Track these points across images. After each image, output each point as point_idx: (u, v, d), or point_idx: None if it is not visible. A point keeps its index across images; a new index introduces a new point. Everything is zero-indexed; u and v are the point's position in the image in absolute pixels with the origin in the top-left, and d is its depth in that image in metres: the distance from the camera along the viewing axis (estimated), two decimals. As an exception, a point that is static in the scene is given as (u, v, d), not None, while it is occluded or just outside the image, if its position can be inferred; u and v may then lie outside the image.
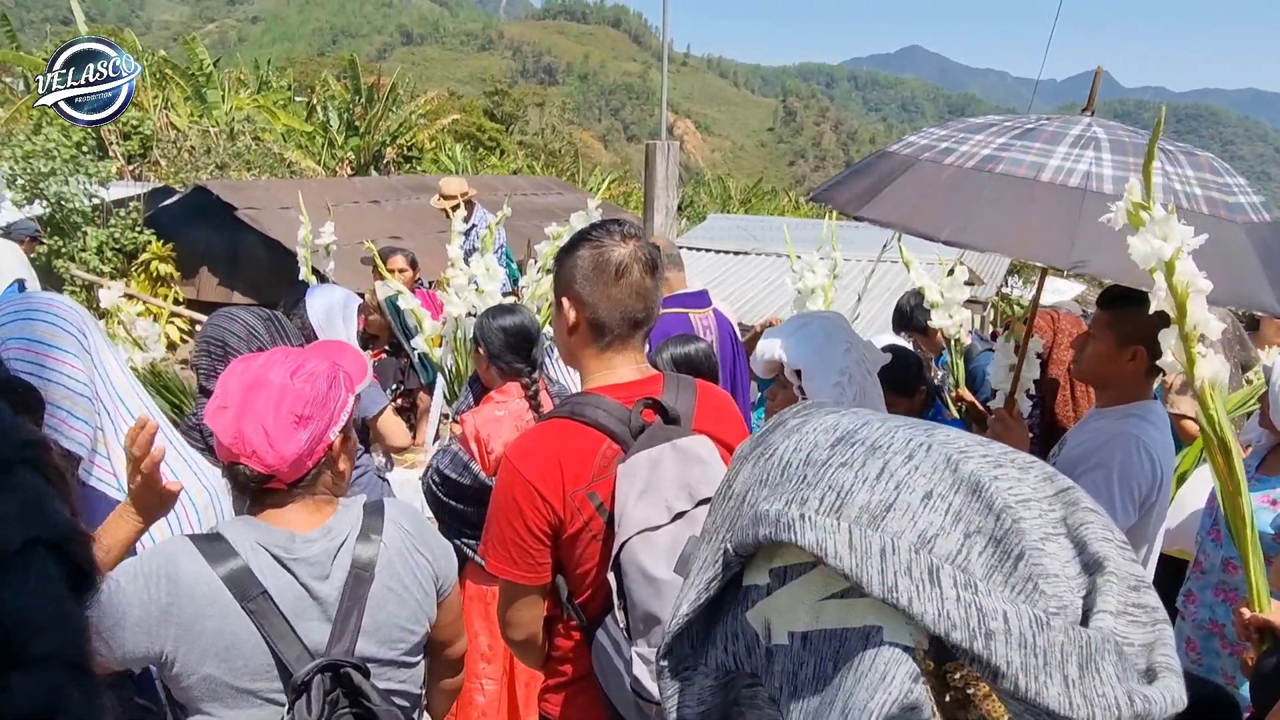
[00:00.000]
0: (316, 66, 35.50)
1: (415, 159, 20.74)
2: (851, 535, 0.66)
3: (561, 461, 1.56)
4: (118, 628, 1.28)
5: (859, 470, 0.69)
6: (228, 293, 10.02)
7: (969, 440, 0.73)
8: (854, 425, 0.73)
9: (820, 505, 0.69)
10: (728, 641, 0.79)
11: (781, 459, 0.74)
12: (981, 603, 0.64)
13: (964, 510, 0.68)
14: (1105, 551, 0.71)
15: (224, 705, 1.34)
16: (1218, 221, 1.98)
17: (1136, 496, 2.17)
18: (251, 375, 1.39)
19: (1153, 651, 0.71)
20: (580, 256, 1.61)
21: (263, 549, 1.35)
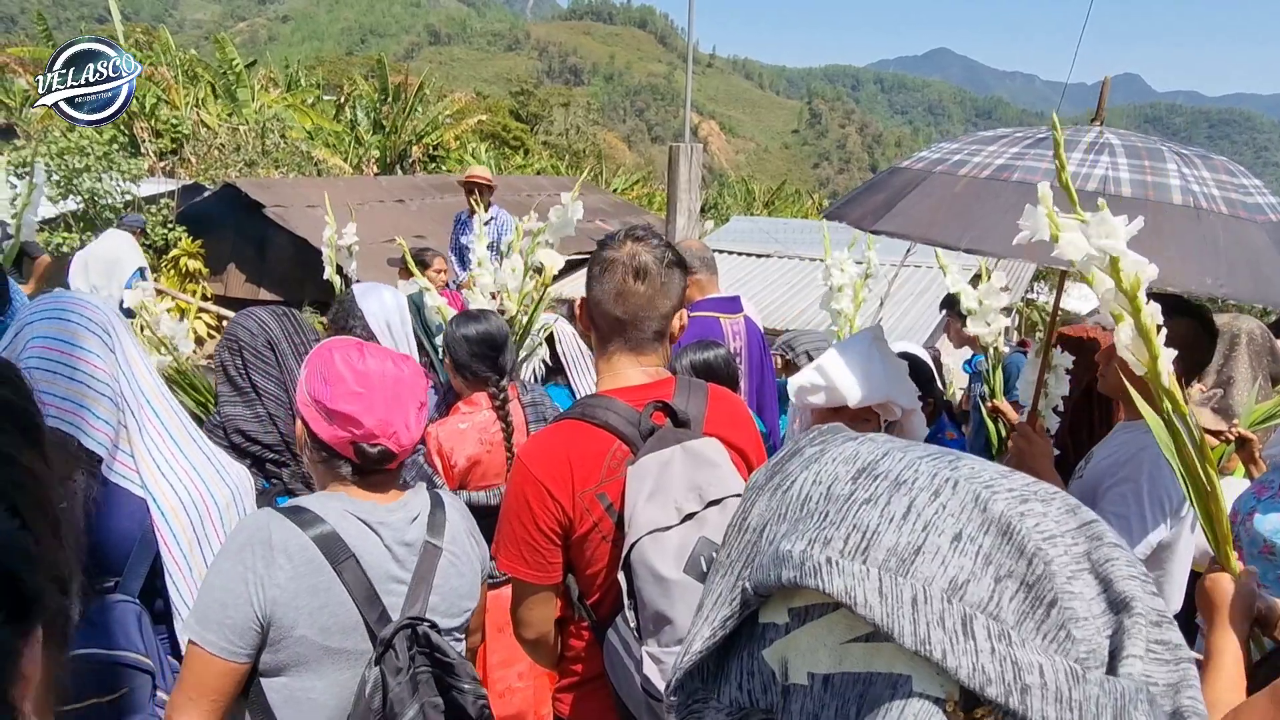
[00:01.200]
0: (345, 66, 35.86)
1: (440, 158, 20.88)
2: (881, 583, 0.64)
3: (571, 462, 1.58)
4: (224, 610, 1.34)
5: (884, 508, 0.66)
6: (255, 289, 10.15)
7: (993, 472, 0.70)
8: (874, 456, 0.71)
9: (845, 546, 0.66)
10: (743, 678, 0.77)
11: (801, 492, 0.72)
12: (1017, 655, 0.62)
13: (994, 553, 0.65)
14: (1131, 590, 0.68)
15: (310, 668, 1.41)
16: (1238, 222, 1.96)
17: (1167, 509, 2.13)
18: (376, 365, 1.50)
19: (1179, 693, 0.69)
20: (593, 261, 1.66)
21: (351, 515, 1.45)
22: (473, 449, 2.60)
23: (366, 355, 1.52)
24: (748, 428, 1.79)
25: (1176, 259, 1.91)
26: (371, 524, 1.46)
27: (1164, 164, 2.04)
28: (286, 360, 2.27)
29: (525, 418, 2.70)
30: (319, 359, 1.52)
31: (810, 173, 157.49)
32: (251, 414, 2.24)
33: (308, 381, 1.50)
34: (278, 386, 2.25)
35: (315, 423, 1.49)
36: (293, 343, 2.32)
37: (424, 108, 20.70)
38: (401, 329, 3.17)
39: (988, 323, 3.14)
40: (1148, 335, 1.65)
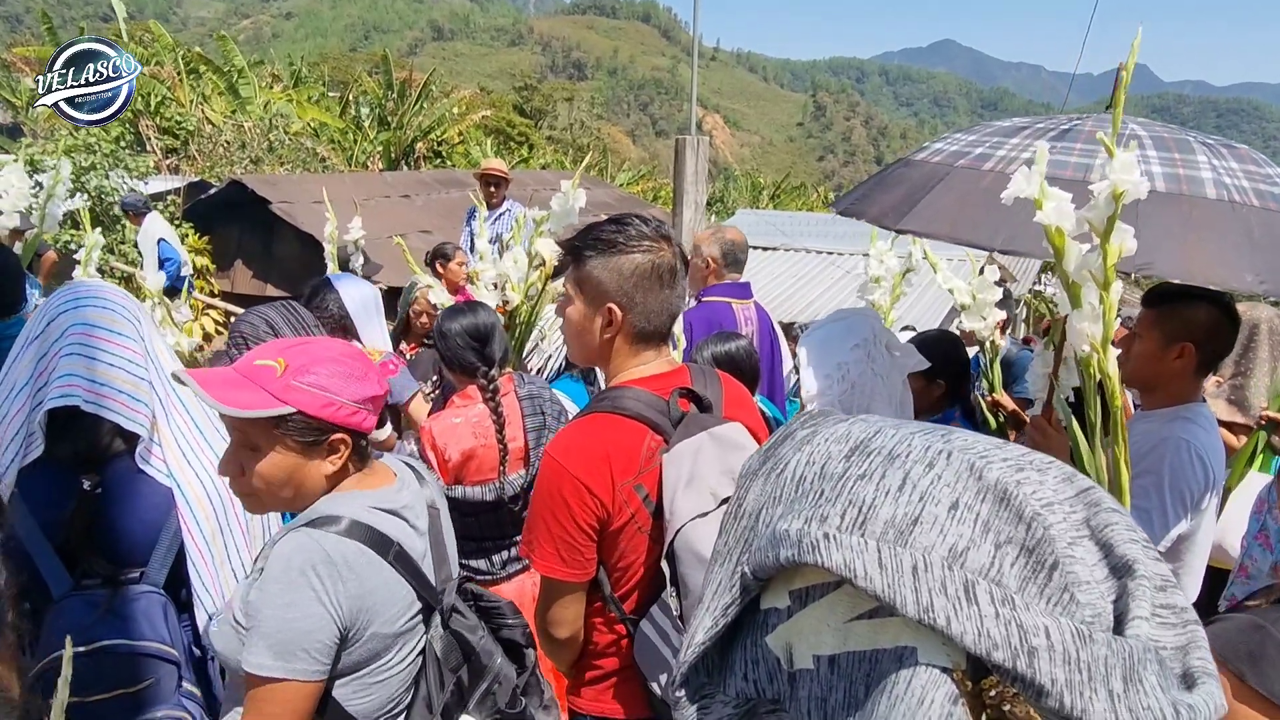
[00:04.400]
0: (349, 62, 35.84)
1: (445, 154, 20.87)
2: (880, 554, 0.63)
3: (609, 455, 1.55)
4: (310, 637, 1.33)
5: (880, 482, 0.65)
6: (261, 285, 10.16)
7: (986, 443, 0.69)
8: (867, 434, 0.70)
9: (842, 522, 0.65)
10: (747, 668, 0.75)
11: (795, 473, 0.70)
12: (1022, 619, 0.62)
13: (993, 520, 0.65)
14: (1133, 553, 0.67)
15: (379, 657, 1.44)
16: (1269, 214, 1.93)
17: (1188, 501, 2.11)
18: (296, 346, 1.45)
19: (1187, 655, 0.68)
20: (625, 263, 1.59)
21: (376, 510, 1.46)
22: (467, 443, 2.60)
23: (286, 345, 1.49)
24: (754, 412, 1.80)
25: (1215, 255, 1.86)
26: (396, 511, 1.48)
27: (1194, 156, 2.01)
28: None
29: (521, 410, 2.70)
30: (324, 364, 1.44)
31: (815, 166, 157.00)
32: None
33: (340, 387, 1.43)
34: None
35: (365, 420, 1.47)
36: (293, 327, 2.34)
37: (428, 103, 20.68)
38: (376, 317, 3.23)
39: (983, 317, 3.13)
40: (1109, 312, 1.63)
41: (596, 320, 1.63)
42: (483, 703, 1.52)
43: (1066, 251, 1.67)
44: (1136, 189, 1.57)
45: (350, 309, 3.12)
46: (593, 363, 1.74)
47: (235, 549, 1.74)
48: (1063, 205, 1.63)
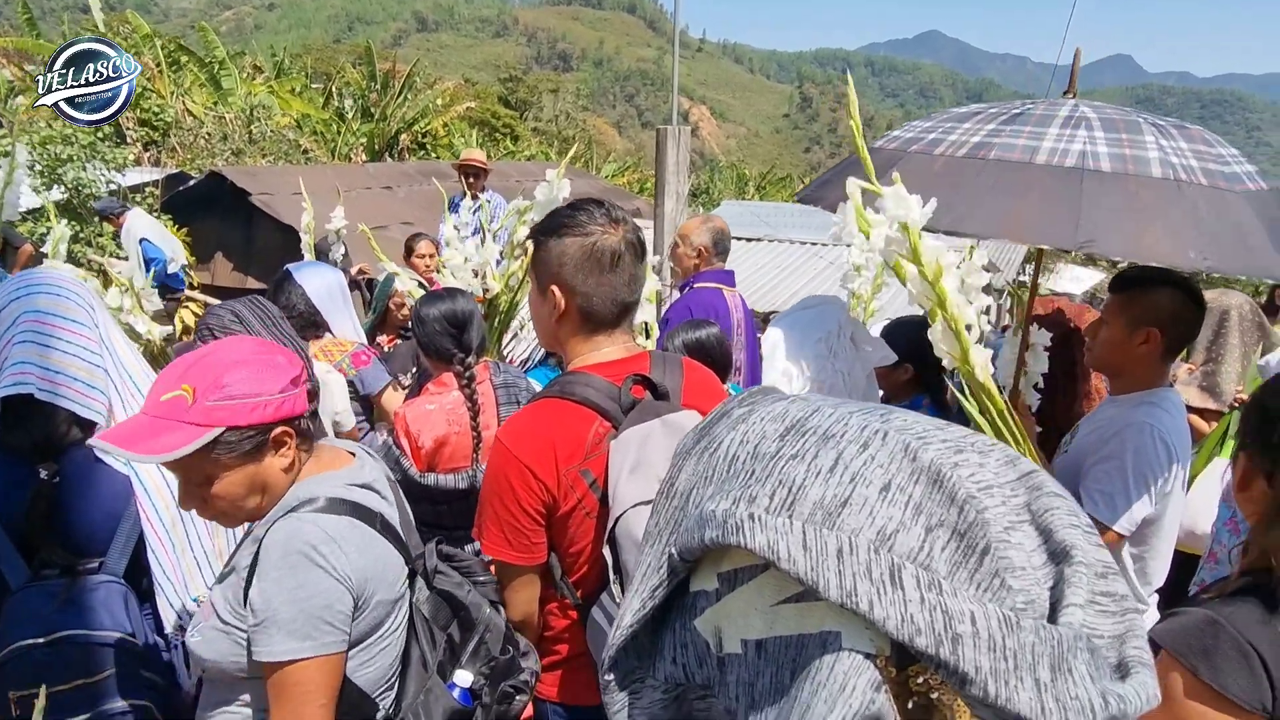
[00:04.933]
0: (332, 53, 35.56)
1: (429, 146, 20.78)
2: (805, 535, 0.61)
3: (554, 441, 1.57)
4: (330, 610, 1.35)
5: (811, 462, 0.63)
6: (242, 278, 10.10)
7: (927, 424, 0.68)
8: (804, 413, 0.67)
9: (771, 503, 0.63)
10: (676, 652, 0.73)
11: (728, 452, 0.68)
12: (947, 604, 0.60)
13: (925, 502, 0.63)
14: (1072, 539, 0.66)
15: (380, 627, 1.46)
16: (1218, 193, 1.95)
17: (1151, 485, 2.13)
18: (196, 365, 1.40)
19: (1124, 644, 0.67)
20: (569, 244, 1.60)
21: (350, 486, 1.48)
22: (440, 430, 2.59)
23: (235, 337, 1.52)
24: (720, 399, 1.78)
25: (1160, 233, 1.90)
26: (368, 485, 1.50)
27: (1141, 136, 2.03)
28: (253, 327, 2.29)
29: (496, 399, 2.69)
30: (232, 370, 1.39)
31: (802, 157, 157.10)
32: None
33: (257, 386, 1.39)
34: None
35: (297, 403, 1.46)
36: (258, 317, 2.33)
37: (412, 95, 20.58)
38: (344, 306, 3.21)
39: (970, 301, 3.13)
40: (956, 327, 1.62)
41: (545, 304, 1.65)
42: (476, 654, 1.56)
43: (908, 277, 1.67)
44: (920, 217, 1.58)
45: (316, 301, 3.10)
46: (555, 348, 1.75)
47: (197, 536, 1.73)
48: (886, 233, 1.64)
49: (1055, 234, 1.94)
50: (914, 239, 1.57)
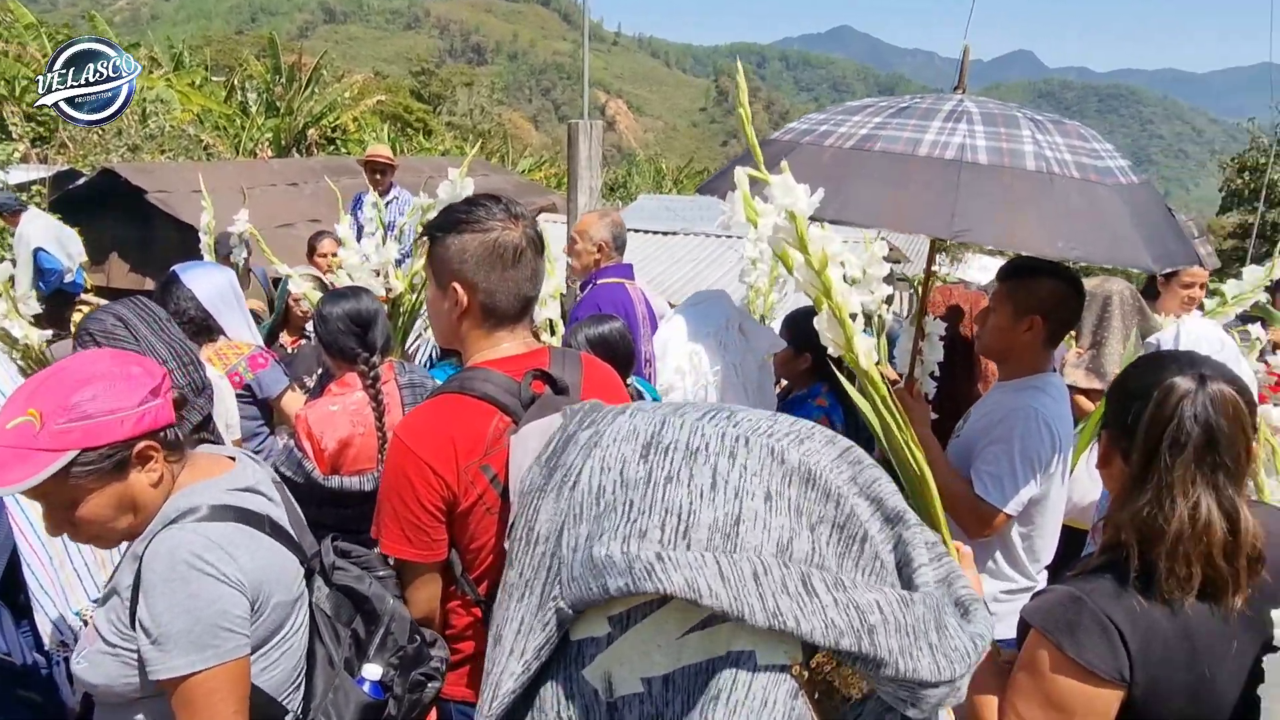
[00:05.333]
0: (234, 45, 34.37)
1: (339, 141, 20.25)
2: (720, 566, 0.58)
3: (454, 437, 1.56)
4: (226, 617, 1.31)
5: (690, 484, 0.60)
6: (140, 279, 9.69)
7: (763, 418, 0.67)
8: (653, 427, 0.64)
9: (664, 534, 0.59)
10: (560, 705, 0.70)
11: (591, 484, 0.64)
12: (855, 599, 0.61)
13: (803, 503, 0.63)
14: (899, 504, 0.69)
15: (281, 629, 1.44)
16: (1090, 185, 2.05)
17: (1037, 467, 2.23)
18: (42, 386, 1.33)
19: (952, 586, 0.71)
20: (469, 240, 1.60)
21: (232, 492, 1.44)
22: (344, 431, 2.54)
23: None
24: (620, 394, 1.81)
25: (1030, 223, 1.98)
26: (252, 488, 1.47)
27: (1019, 130, 2.11)
28: (140, 332, 2.21)
29: (401, 398, 2.65)
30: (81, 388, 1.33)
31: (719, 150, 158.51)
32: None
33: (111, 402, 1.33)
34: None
35: (159, 415, 1.39)
36: (144, 319, 2.25)
37: (320, 88, 20.02)
38: (237, 307, 3.12)
39: (870, 291, 3.20)
40: (840, 315, 1.67)
41: (445, 301, 1.64)
42: (383, 646, 1.55)
43: (794, 266, 1.72)
44: (806, 206, 1.62)
45: (207, 304, 3.00)
46: (454, 345, 1.74)
47: (76, 547, 1.66)
48: (774, 222, 1.67)
49: (933, 224, 2.01)
50: (800, 228, 1.60)
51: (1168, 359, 1.50)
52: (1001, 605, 2.33)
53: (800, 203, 1.57)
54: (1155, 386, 1.42)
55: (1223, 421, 1.38)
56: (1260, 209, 16.17)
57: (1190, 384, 1.40)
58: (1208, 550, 1.34)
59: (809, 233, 1.60)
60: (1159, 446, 1.39)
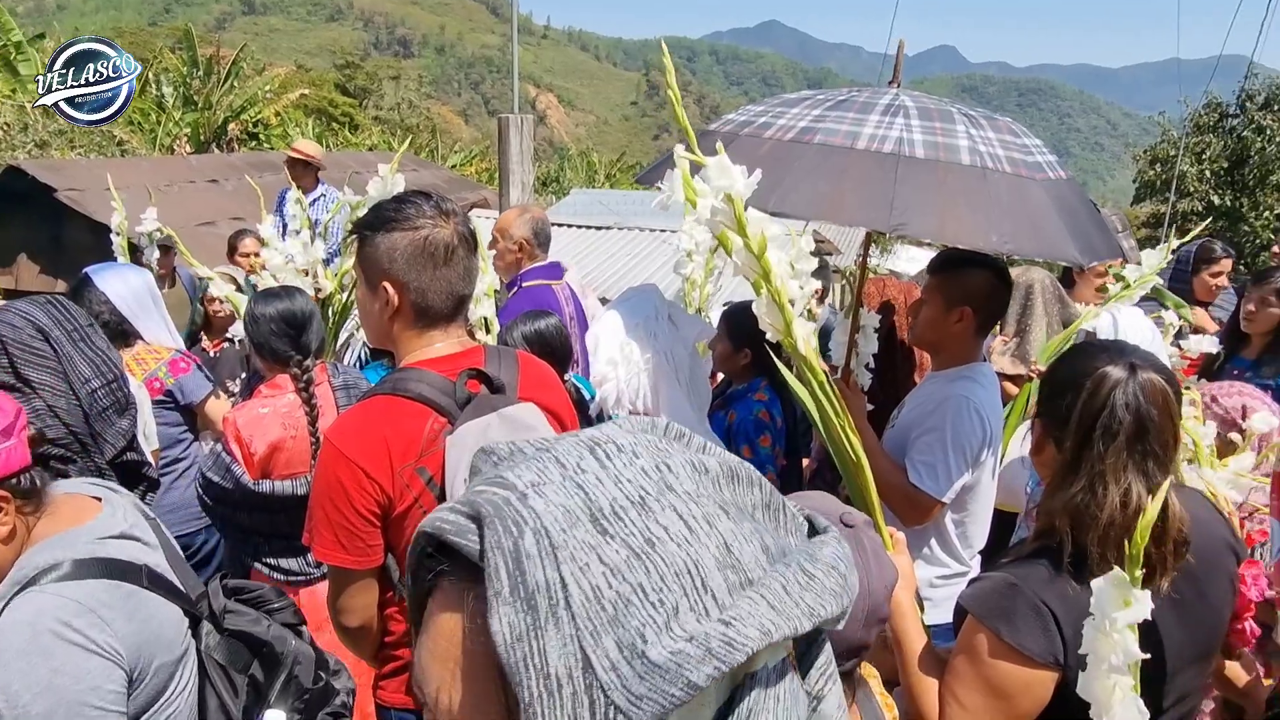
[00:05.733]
0: (148, 37, 33.12)
1: (263, 136, 19.67)
2: (766, 599, 0.53)
3: (388, 439, 1.52)
4: (97, 694, 1.17)
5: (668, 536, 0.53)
6: (51, 281, 9.27)
7: (641, 439, 0.60)
8: (579, 499, 0.54)
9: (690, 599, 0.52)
10: None
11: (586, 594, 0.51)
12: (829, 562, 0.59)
13: (740, 499, 0.59)
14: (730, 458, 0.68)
15: (165, 691, 1.32)
16: (1020, 180, 2.09)
17: (969, 455, 2.28)
18: None
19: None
20: (398, 239, 1.56)
21: (103, 540, 1.31)
22: (275, 434, 2.47)
23: None
24: (558, 391, 1.79)
25: (965, 217, 2.02)
26: (125, 533, 1.35)
27: (953, 125, 2.15)
28: (63, 347, 2.11)
29: (335, 401, 2.58)
30: None
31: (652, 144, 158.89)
32: (29, 410, 2.07)
33: None
34: (55, 376, 2.09)
35: (15, 458, 1.27)
36: (65, 329, 2.14)
37: (240, 82, 19.41)
38: (154, 309, 3.01)
39: (800, 286, 3.23)
40: (780, 299, 1.68)
41: (376, 301, 1.60)
42: (285, 690, 1.46)
43: (732, 248, 1.71)
44: (744, 188, 1.62)
45: (122, 308, 2.87)
46: (386, 346, 1.70)
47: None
48: (712, 204, 1.67)
49: (871, 216, 2.03)
50: (738, 210, 1.59)
51: (1098, 349, 1.53)
52: (937, 591, 2.38)
53: (737, 184, 1.56)
54: (1087, 376, 1.45)
55: (1153, 410, 1.41)
56: (1171, 199, 16.88)
57: (1121, 373, 1.43)
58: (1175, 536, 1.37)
59: (747, 216, 1.59)
60: (1092, 434, 1.41)
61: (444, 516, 0.54)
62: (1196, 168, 18.05)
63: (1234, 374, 3.55)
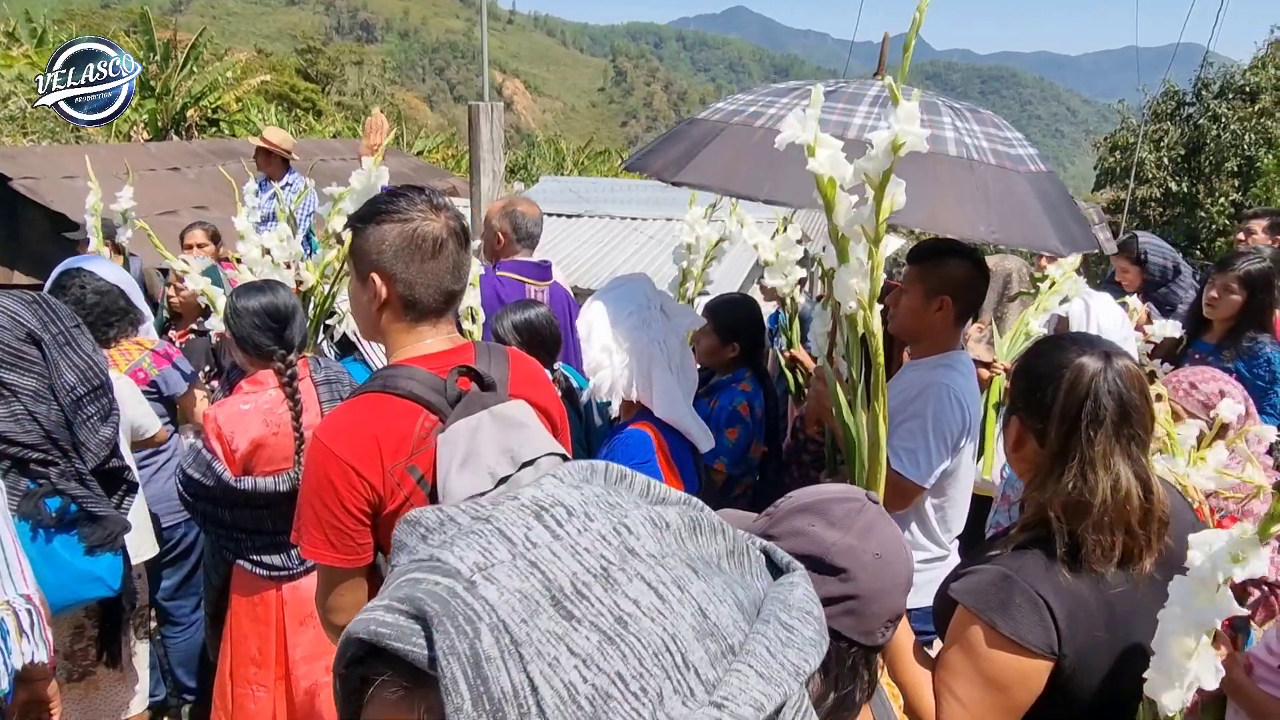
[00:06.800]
0: (101, 20, 32.35)
1: (224, 123, 19.29)
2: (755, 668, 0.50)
3: (378, 437, 1.50)
4: None
5: (639, 612, 0.48)
6: (7, 273, 9.03)
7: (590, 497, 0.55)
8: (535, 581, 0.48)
9: (673, 680, 0.48)
10: None
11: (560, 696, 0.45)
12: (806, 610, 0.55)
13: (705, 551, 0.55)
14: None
15: None
16: (1004, 172, 2.12)
17: (949, 441, 2.32)
18: None
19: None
20: (387, 230, 1.54)
21: None
22: (256, 431, 2.42)
23: None
24: (547, 388, 1.78)
25: (955, 207, 2.04)
26: None
27: (940, 117, 2.17)
28: (50, 352, 2.09)
29: (318, 396, 2.55)
30: None
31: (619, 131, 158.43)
32: (6, 413, 2.05)
33: None
34: (39, 381, 2.07)
35: None
36: (52, 333, 2.11)
37: (199, 67, 19.00)
38: (139, 300, 2.99)
39: (785, 274, 3.24)
40: (876, 268, 1.70)
41: (365, 293, 1.59)
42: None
43: (836, 204, 1.70)
44: (917, 141, 1.62)
45: (129, 290, 2.86)
46: (376, 339, 1.68)
47: None
48: (835, 155, 1.67)
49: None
50: (892, 165, 1.59)
51: (1067, 342, 1.54)
52: (917, 575, 2.40)
53: (917, 133, 1.56)
54: (1064, 368, 1.46)
55: (1134, 395, 1.44)
56: (1131, 186, 17.16)
57: (1098, 362, 1.45)
58: (1127, 519, 1.40)
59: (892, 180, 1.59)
60: (1078, 423, 1.43)
61: (379, 618, 0.46)
62: (1155, 155, 18.35)
63: (1196, 358, 3.63)
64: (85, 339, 2.16)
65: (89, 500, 2.16)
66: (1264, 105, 17.34)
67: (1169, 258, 4.55)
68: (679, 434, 2.25)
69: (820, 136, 1.65)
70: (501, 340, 2.82)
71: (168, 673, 3.36)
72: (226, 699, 2.53)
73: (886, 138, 1.60)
